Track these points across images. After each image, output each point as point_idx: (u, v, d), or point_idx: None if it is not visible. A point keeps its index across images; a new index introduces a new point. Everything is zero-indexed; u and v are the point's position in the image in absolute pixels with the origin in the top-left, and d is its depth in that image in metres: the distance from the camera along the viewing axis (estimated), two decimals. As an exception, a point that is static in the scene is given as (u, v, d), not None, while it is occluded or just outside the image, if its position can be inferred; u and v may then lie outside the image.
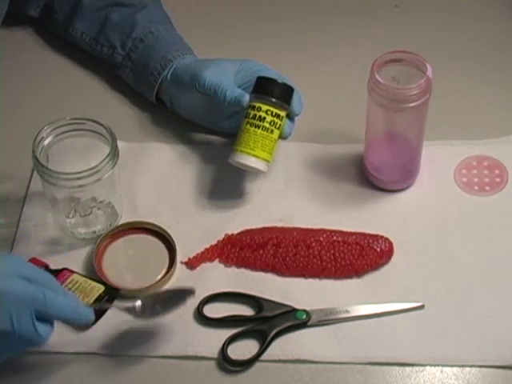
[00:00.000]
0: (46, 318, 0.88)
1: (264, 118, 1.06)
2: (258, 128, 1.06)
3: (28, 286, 0.87)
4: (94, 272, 1.03)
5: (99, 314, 0.99)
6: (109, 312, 1.00)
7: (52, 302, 0.88)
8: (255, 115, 1.06)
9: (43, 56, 1.29)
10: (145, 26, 1.20)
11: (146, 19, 1.21)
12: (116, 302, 0.99)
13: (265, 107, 1.06)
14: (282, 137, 1.09)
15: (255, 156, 1.06)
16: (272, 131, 1.06)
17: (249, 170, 1.09)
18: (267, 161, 1.07)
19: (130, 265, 1.05)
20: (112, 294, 1.01)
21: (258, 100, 1.07)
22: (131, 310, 0.96)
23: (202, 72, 1.10)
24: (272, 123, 1.06)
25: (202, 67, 1.11)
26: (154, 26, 1.20)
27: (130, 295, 1.01)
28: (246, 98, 1.07)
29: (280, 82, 1.07)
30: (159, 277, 1.03)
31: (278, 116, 1.06)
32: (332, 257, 1.03)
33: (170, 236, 1.05)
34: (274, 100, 1.06)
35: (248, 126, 1.06)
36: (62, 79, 1.26)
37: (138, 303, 0.96)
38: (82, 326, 0.97)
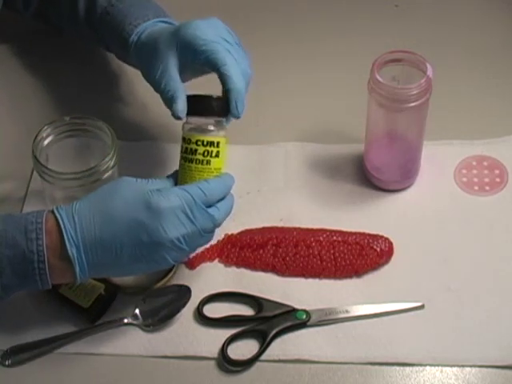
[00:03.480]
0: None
1: (196, 150, 0.95)
2: (192, 162, 0.95)
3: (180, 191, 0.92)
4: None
5: (99, 314, 0.99)
6: (108, 312, 1.00)
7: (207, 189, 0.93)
8: (187, 148, 0.95)
9: (43, 56, 1.29)
10: (102, 7, 1.12)
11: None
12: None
13: (194, 138, 0.95)
14: (234, 117, 0.97)
15: None
16: (208, 162, 0.95)
17: None
18: None
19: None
20: (113, 292, 1.01)
21: (187, 130, 0.96)
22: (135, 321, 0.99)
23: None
24: (206, 153, 0.95)
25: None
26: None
27: (131, 293, 1.01)
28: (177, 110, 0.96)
29: (211, 97, 0.95)
30: (161, 275, 1.02)
31: (211, 144, 0.95)
32: (332, 257, 1.03)
33: None
34: (203, 128, 0.95)
35: (182, 161, 0.96)
36: (61, 79, 1.26)
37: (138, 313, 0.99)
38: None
